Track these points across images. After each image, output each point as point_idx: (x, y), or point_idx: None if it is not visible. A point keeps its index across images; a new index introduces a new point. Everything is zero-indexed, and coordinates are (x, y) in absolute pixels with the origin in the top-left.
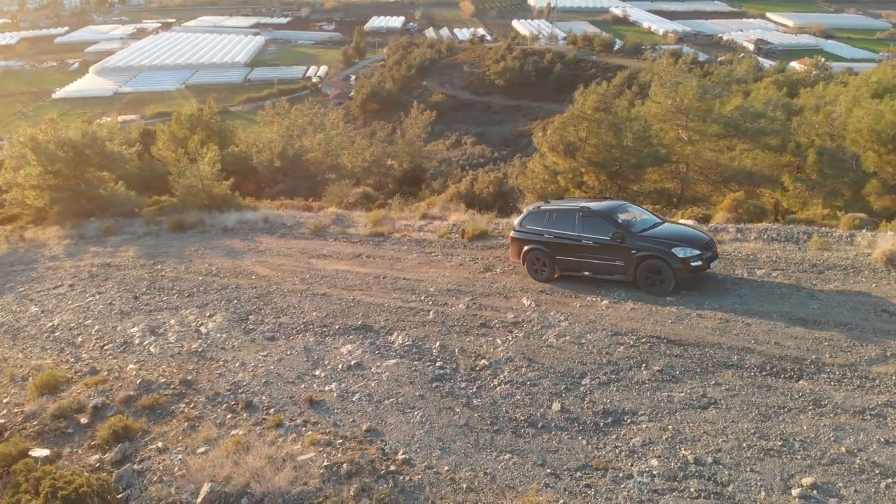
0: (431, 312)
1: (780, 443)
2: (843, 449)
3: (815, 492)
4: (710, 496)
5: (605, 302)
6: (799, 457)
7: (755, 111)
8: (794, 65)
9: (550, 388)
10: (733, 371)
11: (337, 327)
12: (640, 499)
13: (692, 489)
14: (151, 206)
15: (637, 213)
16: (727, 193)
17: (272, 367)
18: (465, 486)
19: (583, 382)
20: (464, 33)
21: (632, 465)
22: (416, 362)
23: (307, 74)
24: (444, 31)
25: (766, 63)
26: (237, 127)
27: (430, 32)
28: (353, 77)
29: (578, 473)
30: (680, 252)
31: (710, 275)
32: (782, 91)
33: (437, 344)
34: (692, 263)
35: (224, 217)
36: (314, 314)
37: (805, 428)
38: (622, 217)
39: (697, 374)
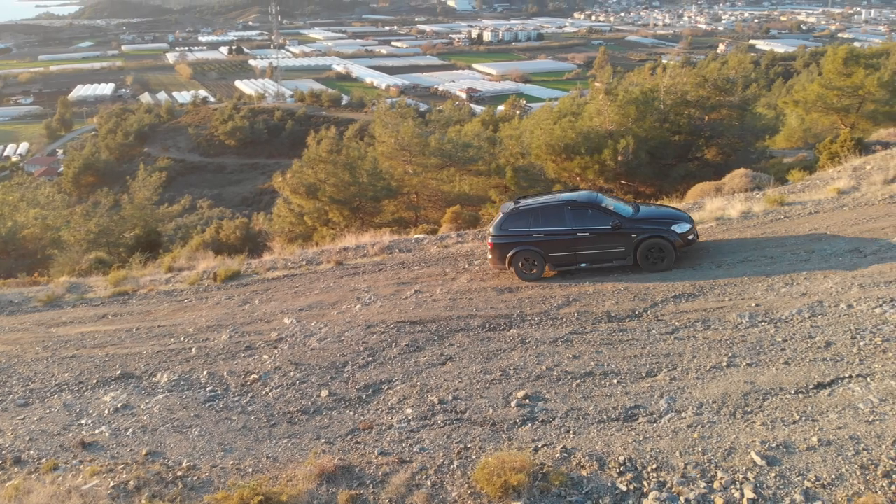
0: (194, 349)
1: (499, 374)
2: (544, 367)
3: (527, 400)
4: (454, 422)
5: (357, 307)
6: (514, 380)
7: (463, 142)
8: (502, 108)
9: (318, 380)
10: (462, 333)
11: (95, 381)
12: (401, 439)
13: (440, 421)
14: None
15: (612, 201)
16: None
17: (33, 427)
18: (251, 470)
19: (345, 370)
20: (184, 96)
21: (392, 418)
22: (186, 392)
23: (5, 153)
24: (162, 95)
25: (478, 108)
26: None
27: (145, 97)
28: (61, 151)
29: (349, 436)
30: (678, 228)
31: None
32: (489, 128)
33: (205, 373)
34: (689, 237)
35: None
36: (66, 375)
37: (516, 360)
38: (606, 205)
39: (435, 341)
